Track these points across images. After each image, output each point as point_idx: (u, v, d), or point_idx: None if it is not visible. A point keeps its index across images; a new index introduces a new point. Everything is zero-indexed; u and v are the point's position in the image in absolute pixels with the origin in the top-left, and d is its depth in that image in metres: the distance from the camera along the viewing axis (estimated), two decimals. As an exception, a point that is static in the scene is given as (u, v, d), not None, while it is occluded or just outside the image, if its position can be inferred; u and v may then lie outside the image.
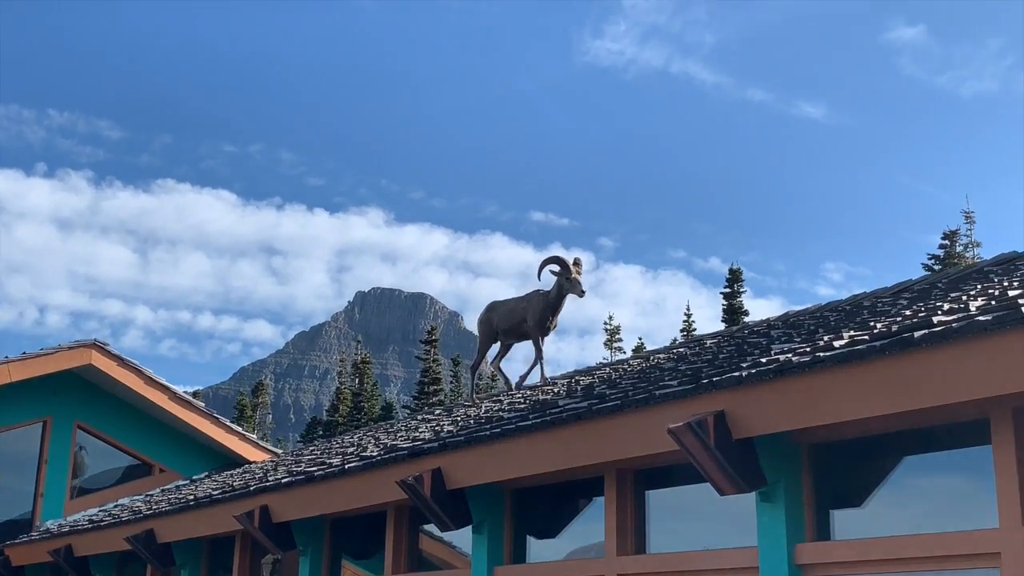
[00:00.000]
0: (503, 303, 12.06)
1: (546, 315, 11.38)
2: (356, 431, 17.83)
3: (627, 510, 7.58)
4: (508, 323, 11.78)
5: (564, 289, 11.23)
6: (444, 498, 8.27)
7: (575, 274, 11.17)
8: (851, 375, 5.54)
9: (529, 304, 11.55)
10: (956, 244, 42.29)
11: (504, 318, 11.83)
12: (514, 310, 11.75)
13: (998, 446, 5.52)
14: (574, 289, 11.15)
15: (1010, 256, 8.56)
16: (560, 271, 11.21)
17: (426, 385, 59.26)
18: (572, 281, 11.15)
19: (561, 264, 11.22)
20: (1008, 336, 4.87)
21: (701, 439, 6.11)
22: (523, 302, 11.68)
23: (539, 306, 11.41)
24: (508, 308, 11.88)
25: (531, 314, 11.45)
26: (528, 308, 11.52)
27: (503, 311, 11.91)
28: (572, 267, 11.18)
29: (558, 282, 11.27)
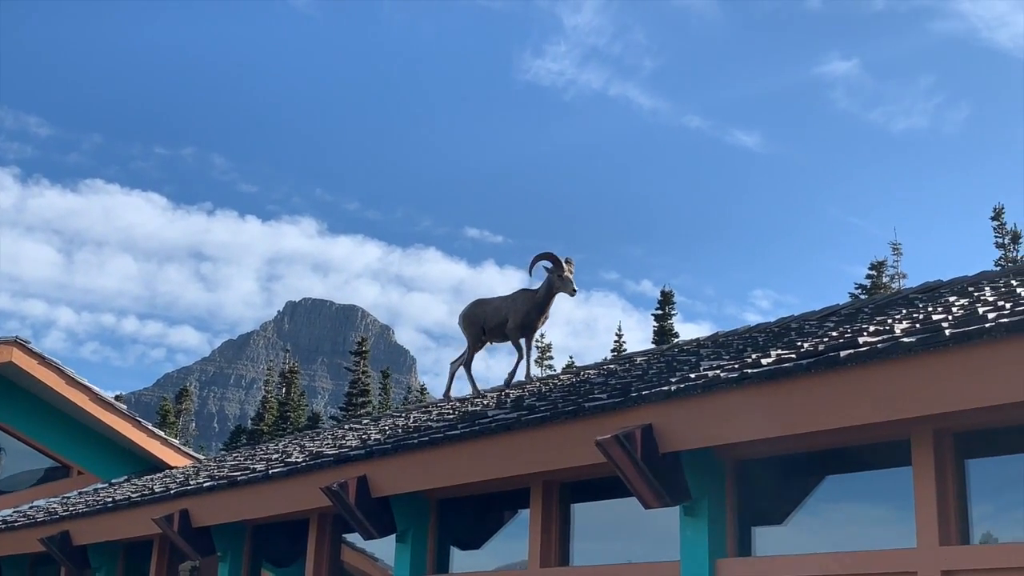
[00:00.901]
0: (488, 301, 11.76)
1: (532, 314, 11.11)
2: (281, 438, 17.63)
3: (552, 523, 7.58)
4: (493, 322, 11.49)
5: (555, 286, 10.97)
6: (369, 506, 8.20)
7: (567, 272, 10.90)
8: (777, 392, 5.62)
9: (513, 304, 11.28)
10: (883, 275, 43.17)
11: (490, 317, 11.53)
12: (499, 309, 11.46)
13: (918, 468, 5.62)
14: (566, 287, 10.89)
15: (934, 284, 8.75)
16: (552, 268, 10.94)
17: (354, 396, 58.78)
18: (564, 279, 10.88)
19: (554, 261, 10.93)
20: (931, 358, 4.98)
21: (628, 452, 6.15)
22: (508, 301, 11.41)
23: (524, 305, 11.14)
24: (494, 307, 11.57)
25: (513, 314, 11.18)
26: (512, 308, 11.24)
27: (489, 309, 11.60)
28: (565, 265, 10.91)
29: (549, 279, 11.00)
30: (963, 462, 5.62)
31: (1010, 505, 5.61)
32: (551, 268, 10.95)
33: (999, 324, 4.78)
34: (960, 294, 7.35)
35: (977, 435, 5.57)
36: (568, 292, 10.92)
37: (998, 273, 8.42)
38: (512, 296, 11.44)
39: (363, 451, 8.33)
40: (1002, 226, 42.62)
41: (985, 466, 5.64)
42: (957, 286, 8.18)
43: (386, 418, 13.20)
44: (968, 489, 5.60)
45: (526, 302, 11.16)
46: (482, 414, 8.10)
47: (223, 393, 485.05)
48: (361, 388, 59.32)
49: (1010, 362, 4.77)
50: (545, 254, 11.03)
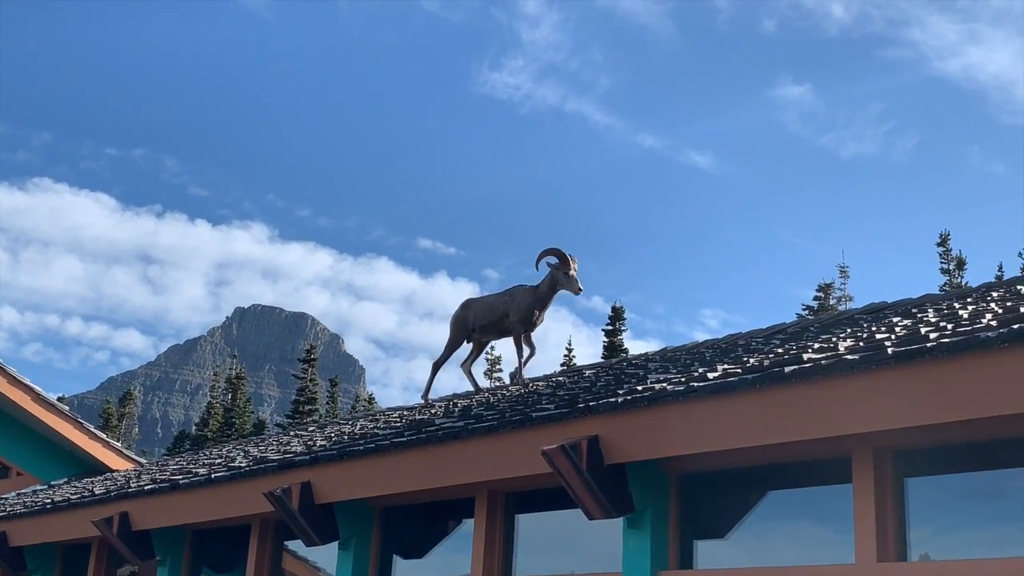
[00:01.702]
0: (481, 299, 11.46)
1: (533, 309, 10.82)
2: (225, 444, 17.46)
3: (496, 533, 7.58)
4: (487, 319, 11.17)
5: (558, 283, 10.67)
6: (312, 512, 8.15)
7: (573, 270, 10.60)
8: (722, 406, 5.68)
9: (512, 299, 10.98)
10: (830, 296, 43.73)
11: (483, 315, 11.23)
12: (494, 306, 11.16)
13: (858, 485, 5.70)
14: (571, 285, 10.60)
15: (879, 306, 8.88)
16: (558, 264, 10.65)
17: (301, 404, 58.33)
18: (570, 277, 10.59)
19: (560, 257, 10.65)
20: (872, 376, 5.06)
21: (574, 462, 6.17)
22: (505, 297, 11.11)
23: (525, 301, 10.84)
24: (487, 304, 11.27)
25: (515, 309, 10.86)
26: (511, 303, 10.95)
27: (481, 307, 11.30)
28: (571, 262, 10.62)
29: (552, 275, 10.70)
30: (902, 480, 5.70)
31: (947, 523, 5.70)
32: (556, 264, 10.68)
33: (940, 344, 4.87)
34: (904, 315, 7.46)
35: (916, 454, 5.66)
36: (573, 290, 10.67)
37: (942, 296, 8.57)
38: (509, 292, 11.16)
39: (308, 457, 8.28)
40: (947, 252, 43.36)
41: (923, 484, 5.73)
42: (901, 308, 8.31)
43: (332, 425, 13.13)
44: (906, 507, 5.68)
45: (527, 297, 10.88)
46: (429, 422, 8.08)
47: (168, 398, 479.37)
48: (308, 396, 58.88)
49: (949, 382, 4.86)
50: (552, 250, 10.78)
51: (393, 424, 9.50)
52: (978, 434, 5.28)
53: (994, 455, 5.45)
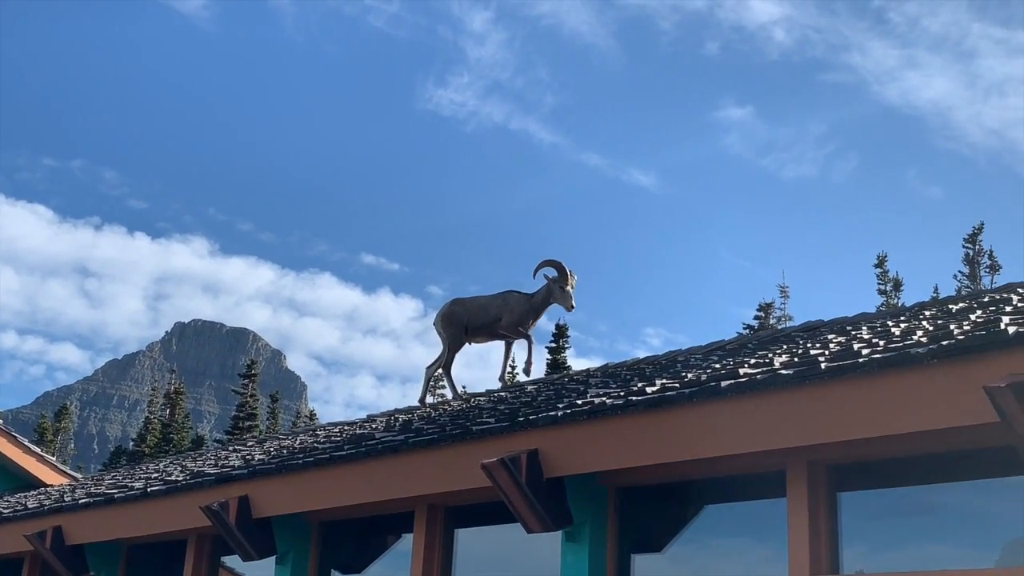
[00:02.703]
0: (471, 300, 11.18)
1: (527, 317, 10.65)
2: (163, 459, 17.25)
3: (435, 547, 7.57)
4: (478, 321, 10.95)
5: (553, 296, 10.51)
6: (249, 527, 8.08)
7: (569, 286, 10.45)
8: (660, 420, 5.74)
9: (506, 303, 10.77)
10: (770, 316, 44.23)
11: (476, 315, 10.98)
12: (486, 307, 10.91)
13: (792, 499, 5.78)
14: (564, 301, 10.44)
15: (815, 324, 9.03)
16: (556, 277, 10.47)
17: (241, 420, 57.69)
18: (565, 293, 10.41)
19: (559, 270, 10.46)
20: (806, 390, 5.16)
21: (513, 476, 6.20)
22: (497, 300, 10.88)
23: (520, 307, 10.66)
24: (479, 305, 11.01)
25: (508, 312, 10.67)
26: (504, 307, 10.74)
27: (473, 307, 11.03)
28: (569, 277, 10.45)
29: (548, 287, 10.53)
30: (835, 494, 5.80)
31: (879, 538, 5.80)
32: (554, 277, 10.52)
33: (872, 360, 4.98)
34: (839, 332, 7.60)
35: (849, 468, 5.76)
36: (566, 306, 10.52)
37: (876, 315, 8.74)
38: (501, 295, 10.96)
39: (246, 471, 8.22)
40: (885, 273, 44.09)
41: (856, 499, 5.84)
42: (836, 325, 8.46)
43: (272, 440, 13.03)
44: (839, 521, 5.78)
45: (522, 303, 10.72)
46: (369, 436, 8.06)
47: (105, 414, 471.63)
48: (248, 412, 58.25)
49: (882, 396, 4.97)
50: (551, 261, 10.60)
51: (333, 438, 9.46)
52: (908, 449, 5.39)
53: (924, 470, 5.57)
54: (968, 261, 42.43)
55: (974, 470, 5.36)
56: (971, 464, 5.31)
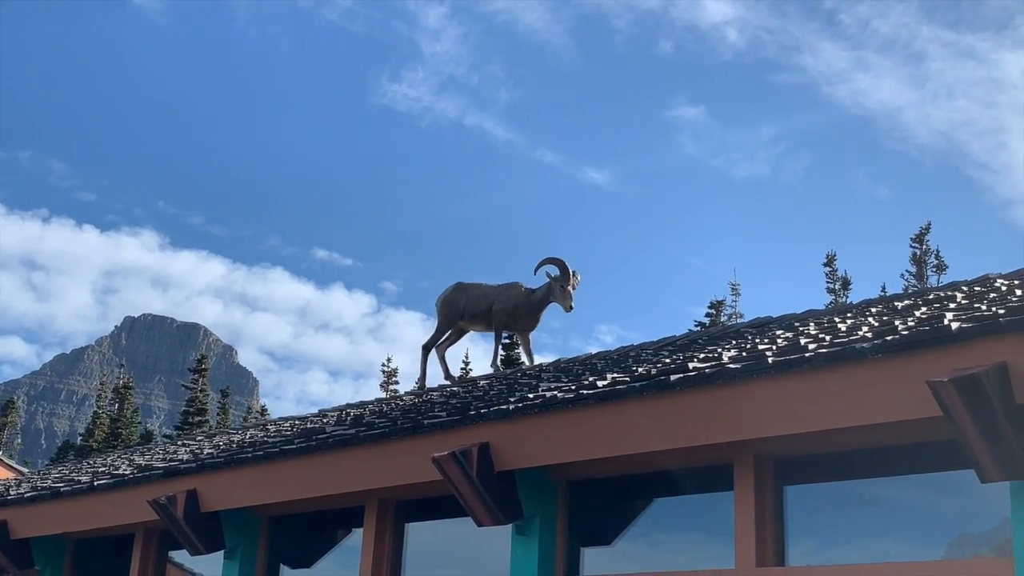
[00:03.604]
0: (475, 286, 11.06)
1: (521, 311, 10.51)
2: (111, 453, 17.06)
3: (385, 541, 7.57)
4: (476, 308, 10.84)
5: (553, 295, 10.39)
6: (198, 521, 8.02)
7: (570, 286, 10.31)
8: (610, 413, 5.78)
9: (506, 292, 10.65)
10: (721, 314, 44.59)
11: (475, 302, 10.87)
12: (486, 295, 10.80)
13: (739, 492, 5.85)
14: (563, 300, 10.30)
15: (764, 320, 9.12)
16: (557, 276, 10.34)
17: (191, 415, 57.17)
18: (564, 292, 10.27)
19: (561, 269, 10.34)
20: (753, 384, 5.22)
21: (464, 469, 6.21)
22: (499, 289, 10.76)
23: (516, 299, 10.54)
24: (481, 292, 10.90)
25: (504, 300, 10.57)
26: (502, 296, 10.62)
27: (475, 294, 10.92)
28: (571, 277, 10.31)
29: (549, 285, 10.43)
30: (782, 487, 5.87)
31: (824, 530, 5.88)
32: (556, 276, 10.39)
33: (818, 354, 5.04)
34: (787, 328, 7.69)
35: (796, 461, 5.83)
36: (564, 306, 10.37)
37: (823, 312, 8.84)
38: (504, 286, 10.83)
39: (194, 464, 8.16)
40: (834, 272, 44.64)
41: (802, 492, 5.91)
42: (785, 322, 8.55)
43: (221, 435, 12.93)
44: (785, 513, 5.85)
45: (519, 296, 10.58)
46: (320, 430, 8.03)
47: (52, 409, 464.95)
48: (198, 407, 57.74)
49: (827, 391, 5.04)
50: (554, 259, 10.46)
51: (284, 433, 9.41)
52: (854, 443, 5.47)
53: (869, 464, 5.65)
54: (915, 261, 43.05)
55: (918, 464, 5.44)
56: (915, 458, 5.40)
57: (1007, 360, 4.50)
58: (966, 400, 4.45)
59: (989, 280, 7.51)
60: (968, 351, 4.62)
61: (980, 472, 4.63)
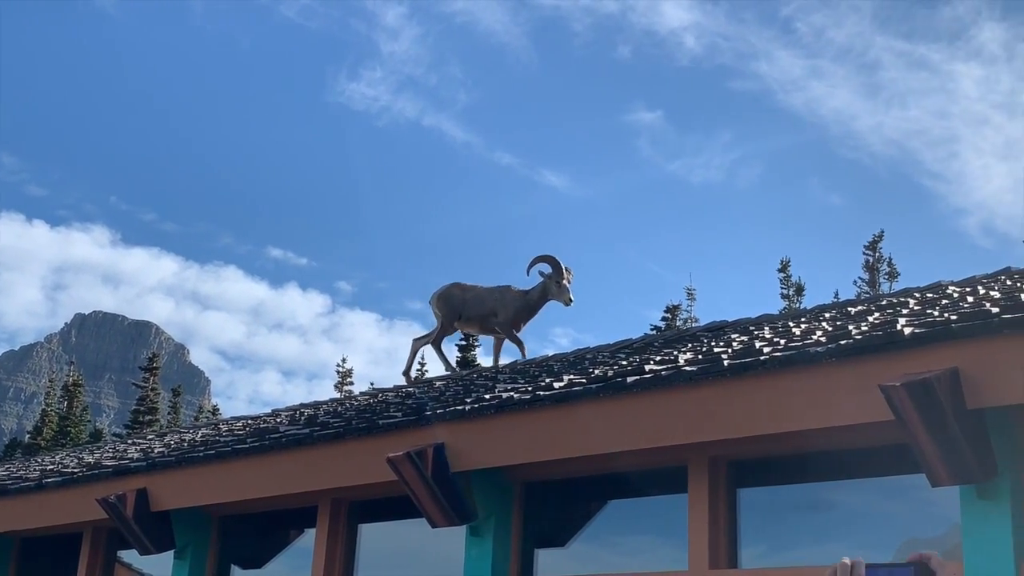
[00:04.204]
0: (471, 288, 10.91)
1: (521, 315, 10.42)
2: (60, 451, 16.81)
3: (338, 542, 7.51)
4: (472, 311, 10.72)
5: (549, 293, 10.30)
6: (148, 520, 7.93)
7: (566, 280, 10.24)
8: (567, 415, 5.78)
9: (503, 298, 10.53)
10: (677, 318, 44.79)
11: (470, 304, 10.73)
12: (483, 299, 10.66)
13: (693, 494, 5.87)
14: (561, 295, 10.22)
15: (719, 324, 9.17)
16: (551, 273, 10.27)
17: (141, 414, 56.53)
18: (561, 287, 10.19)
19: (554, 266, 10.27)
20: (709, 386, 5.24)
21: (419, 469, 6.18)
22: (495, 294, 10.63)
23: (515, 304, 10.44)
24: (478, 295, 10.76)
25: (504, 310, 10.44)
26: (501, 302, 10.51)
27: (472, 297, 10.77)
28: (565, 272, 10.26)
29: (544, 283, 10.33)
30: (735, 490, 5.90)
31: (776, 533, 5.92)
32: (549, 273, 10.34)
33: (773, 358, 5.08)
34: (742, 332, 7.74)
35: (749, 464, 5.87)
36: (563, 301, 10.31)
37: (778, 316, 8.91)
38: (499, 289, 10.72)
39: (144, 463, 8.06)
40: (788, 278, 45.01)
41: (755, 495, 5.95)
42: (740, 326, 8.60)
43: (173, 433, 12.79)
44: (738, 516, 5.88)
45: (517, 300, 10.51)
46: (273, 429, 7.97)
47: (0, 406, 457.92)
48: (149, 406, 57.09)
49: (781, 394, 5.07)
50: (546, 257, 10.41)
51: (236, 432, 9.33)
52: (807, 446, 5.51)
53: (821, 467, 5.69)
54: (868, 268, 43.51)
55: (870, 468, 5.50)
56: (867, 462, 5.45)
57: (959, 366, 4.55)
58: (918, 405, 4.49)
59: (941, 287, 7.61)
60: (920, 356, 4.67)
61: (931, 477, 4.69)
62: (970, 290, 6.76)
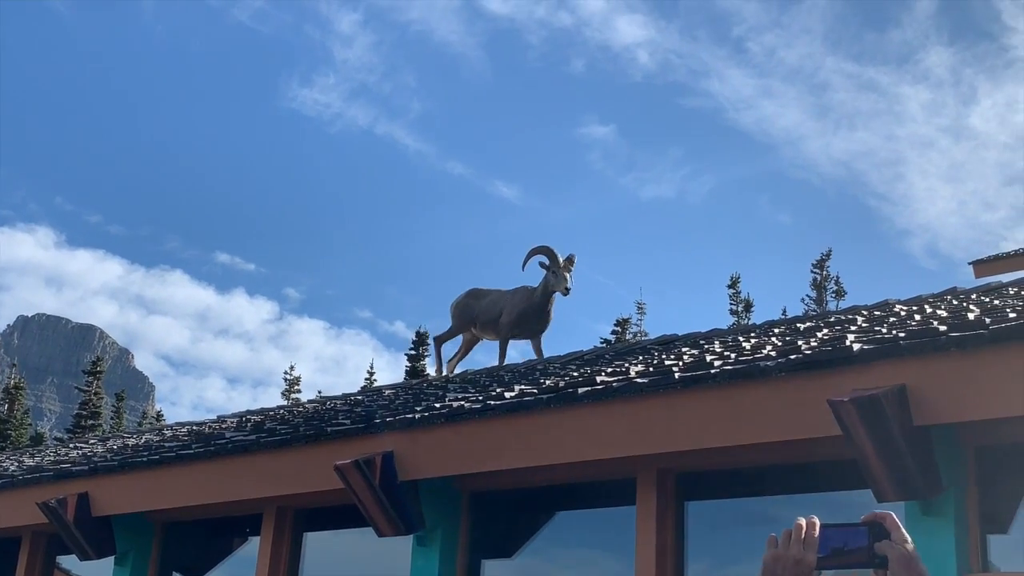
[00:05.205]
0: (486, 292, 10.65)
1: (527, 314, 10.07)
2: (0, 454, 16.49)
3: (282, 550, 7.42)
4: (488, 316, 10.43)
5: (550, 285, 9.94)
6: (89, 525, 7.79)
7: (563, 269, 9.85)
8: (517, 425, 5.76)
9: (513, 299, 10.24)
10: (627, 332, 44.97)
11: (484, 310, 10.47)
12: (496, 303, 10.39)
13: (641, 507, 5.87)
14: (558, 284, 9.83)
15: (671, 337, 9.21)
16: (548, 264, 9.91)
17: (84, 419, 55.65)
18: (558, 276, 9.80)
19: (549, 255, 9.90)
20: (660, 398, 5.25)
21: (367, 478, 6.12)
22: (507, 296, 10.34)
23: (521, 303, 10.13)
24: (491, 300, 10.49)
25: (509, 309, 10.16)
26: (510, 303, 10.21)
27: (486, 302, 10.51)
28: (563, 261, 9.90)
29: (545, 277, 9.97)
30: (683, 503, 5.91)
31: (723, 546, 5.94)
32: (547, 264, 9.97)
33: (723, 371, 5.10)
34: (692, 346, 7.77)
35: (698, 477, 5.88)
36: (560, 290, 9.92)
37: (728, 331, 8.97)
38: (513, 291, 10.44)
39: (86, 467, 7.92)
40: (737, 294, 45.39)
41: (703, 508, 5.96)
42: (690, 340, 8.65)
43: (116, 438, 12.59)
44: (686, 529, 5.89)
45: (524, 299, 10.20)
46: (219, 435, 7.87)
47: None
48: (92, 411, 56.24)
49: (731, 407, 5.09)
50: (540, 248, 10.04)
51: (180, 437, 9.20)
52: (755, 460, 5.54)
53: (769, 481, 5.72)
54: (816, 286, 44.01)
55: (817, 483, 5.53)
56: (815, 477, 5.48)
57: (907, 383, 4.60)
58: (865, 420, 4.53)
59: (889, 305, 7.70)
60: (869, 372, 4.71)
61: (877, 492, 4.72)
62: (917, 309, 6.84)
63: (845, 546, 2.05)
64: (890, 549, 2.03)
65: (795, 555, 2.05)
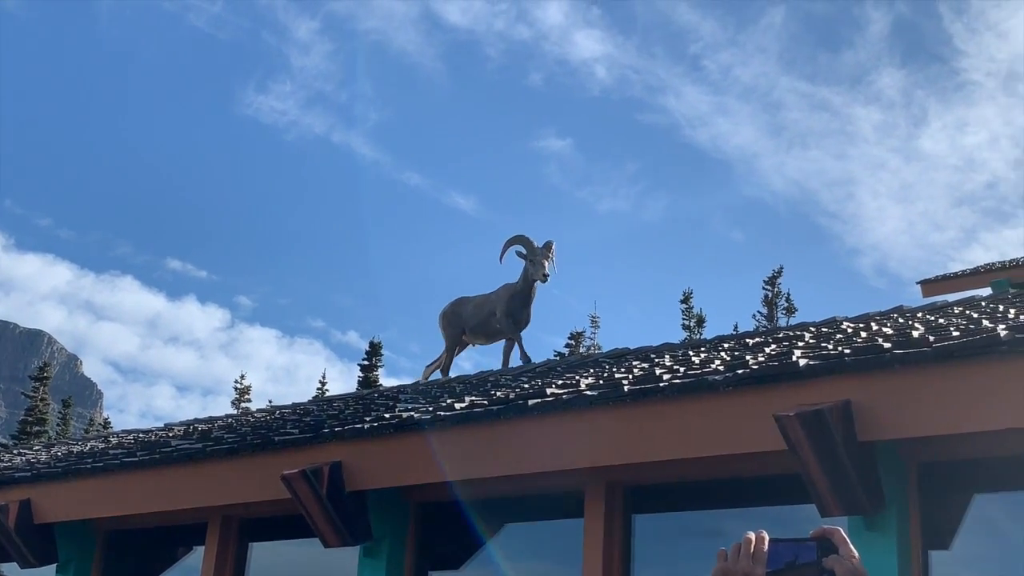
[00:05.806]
0: (471, 299, 10.67)
1: (514, 305, 10.01)
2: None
3: (227, 561, 7.35)
4: (476, 319, 10.43)
5: (529, 274, 9.87)
6: (30, 532, 7.66)
7: (542, 256, 9.78)
8: (467, 436, 5.75)
9: (499, 296, 10.23)
10: (581, 345, 45.08)
11: (472, 314, 10.47)
12: (482, 305, 10.40)
13: (589, 519, 5.88)
14: (536, 273, 9.75)
15: (622, 351, 9.25)
16: (525, 253, 9.85)
17: (29, 425, 54.77)
18: (535, 264, 9.72)
19: (525, 244, 9.85)
20: (610, 411, 5.27)
21: (314, 488, 6.08)
22: (492, 296, 10.37)
23: (506, 297, 10.11)
24: (477, 303, 10.52)
25: (500, 307, 10.12)
26: (498, 301, 10.20)
27: (471, 307, 10.52)
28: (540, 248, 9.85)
29: (524, 267, 9.92)
30: (631, 516, 5.93)
31: (670, 559, 5.96)
32: (524, 254, 9.91)
33: (672, 384, 5.12)
34: (643, 359, 7.81)
35: (645, 490, 5.90)
36: (539, 278, 9.83)
37: (679, 345, 9.02)
38: (495, 291, 10.47)
39: (29, 473, 7.80)
40: (690, 310, 45.67)
41: (650, 521, 5.98)
42: (641, 353, 8.68)
43: (61, 445, 12.41)
44: (633, 542, 5.91)
45: (507, 293, 10.19)
46: (165, 443, 7.78)
47: None
48: (38, 417, 55.36)
49: (679, 421, 5.12)
50: (516, 238, 9.98)
51: (126, 445, 9.08)
52: (702, 473, 5.57)
53: (716, 495, 5.75)
54: (767, 303, 44.39)
55: (763, 497, 5.57)
56: (760, 491, 5.53)
57: (851, 398, 4.65)
58: (810, 435, 4.57)
59: (836, 322, 7.78)
60: (814, 388, 4.76)
61: (821, 507, 4.77)
62: (864, 326, 6.92)
63: (795, 560, 2.06)
64: (838, 564, 2.05)
65: (744, 569, 2.05)
